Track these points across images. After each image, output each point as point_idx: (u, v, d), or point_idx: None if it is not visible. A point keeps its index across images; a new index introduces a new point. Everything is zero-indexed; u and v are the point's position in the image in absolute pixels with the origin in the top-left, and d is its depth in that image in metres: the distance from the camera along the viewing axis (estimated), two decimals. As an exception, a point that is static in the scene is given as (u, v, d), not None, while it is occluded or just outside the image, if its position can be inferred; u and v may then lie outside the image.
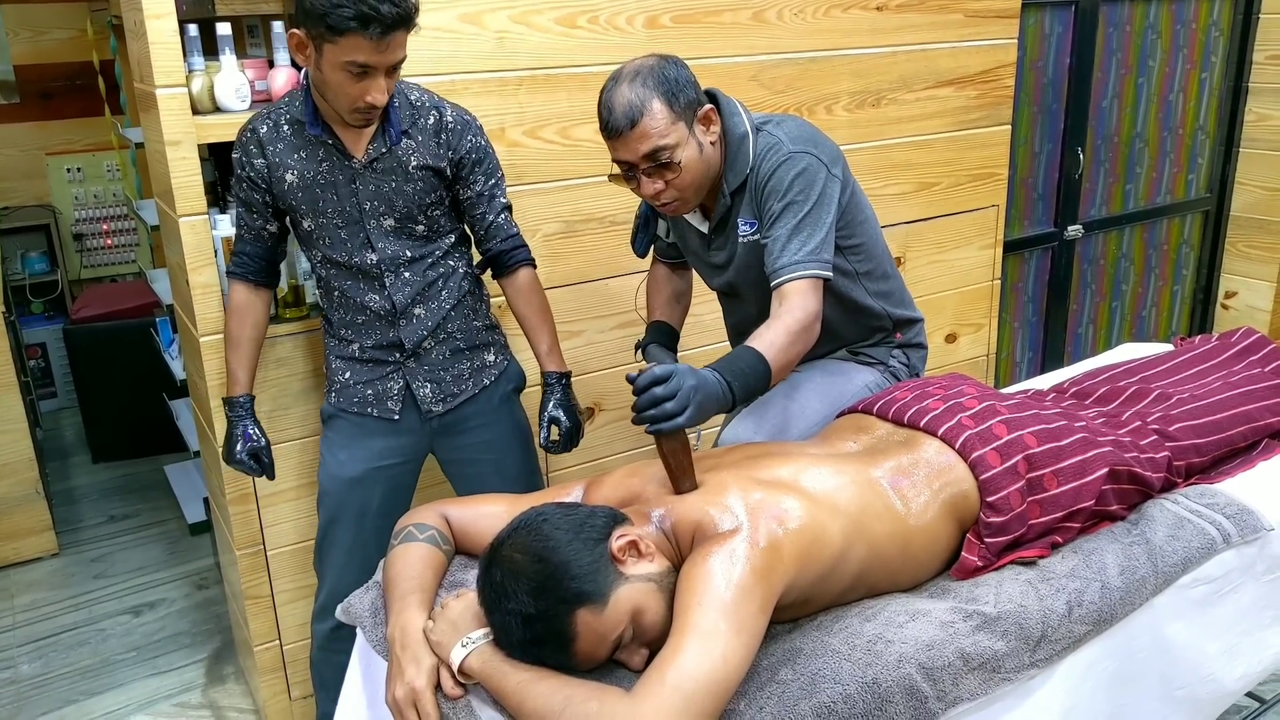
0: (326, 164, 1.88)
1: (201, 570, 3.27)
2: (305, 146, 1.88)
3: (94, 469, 4.05)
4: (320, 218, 1.91)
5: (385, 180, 1.89)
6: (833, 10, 2.67)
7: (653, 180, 1.79)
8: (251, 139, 1.89)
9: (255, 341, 2.02)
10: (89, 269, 4.73)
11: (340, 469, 2.04)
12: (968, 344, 3.27)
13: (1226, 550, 1.72)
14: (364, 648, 1.58)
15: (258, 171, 1.89)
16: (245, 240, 1.98)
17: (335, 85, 1.72)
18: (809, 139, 1.85)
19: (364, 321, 1.99)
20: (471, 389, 2.07)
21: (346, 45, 1.65)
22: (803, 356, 1.78)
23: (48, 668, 2.82)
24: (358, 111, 1.76)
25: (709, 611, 1.27)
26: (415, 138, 1.89)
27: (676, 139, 1.75)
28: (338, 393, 2.05)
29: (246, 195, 1.93)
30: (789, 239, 1.78)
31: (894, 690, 1.35)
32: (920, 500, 1.58)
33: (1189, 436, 1.86)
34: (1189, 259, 4.16)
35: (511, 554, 1.34)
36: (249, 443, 2.01)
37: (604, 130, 1.77)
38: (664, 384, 1.50)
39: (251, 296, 2.00)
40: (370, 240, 1.92)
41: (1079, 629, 1.53)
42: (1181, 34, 3.77)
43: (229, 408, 2.02)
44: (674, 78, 1.75)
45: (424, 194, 1.92)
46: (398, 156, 1.88)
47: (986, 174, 3.13)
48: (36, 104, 4.52)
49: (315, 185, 1.89)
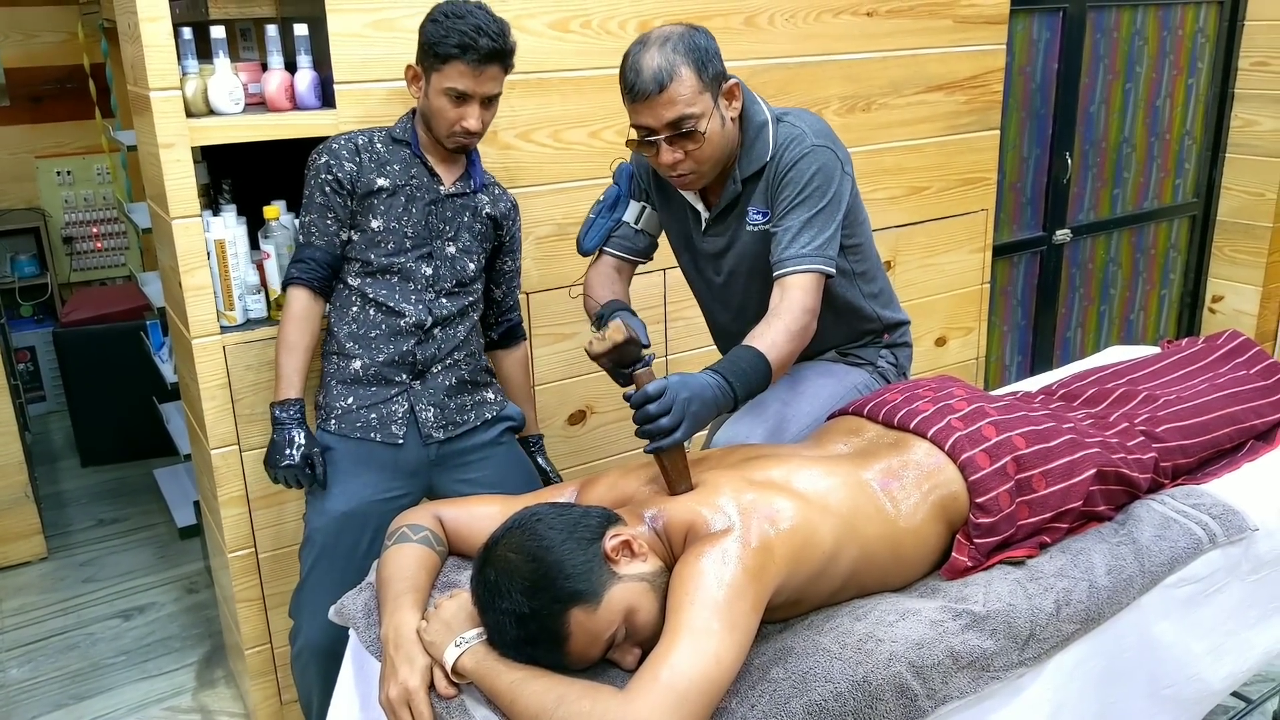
0: (417, 179, 2.02)
1: (191, 574, 3.26)
2: (399, 161, 2.01)
3: (83, 473, 4.04)
4: (394, 221, 1.99)
5: (461, 212, 2.06)
6: (824, 15, 2.69)
7: (673, 149, 1.76)
8: (345, 145, 1.98)
9: (310, 349, 2.03)
10: (79, 272, 4.72)
11: (332, 503, 2.00)
12: (957, 347, 3.29)
13: (1212, 550, 1.73)
14: (357, 648, 1.58)
15: (347, 174, 1.97)
16: (316, 247, 2.00)
17: (438, 110, 1.93)
18: (830, 135, 1.84)
19: (380, 335, 2.01)
20: (473, 420, 2.12)
21: (449, 72, 1.89)
22: (800, 352, 1.78)
23: (37, 672, 2.81)
24: (454, 135, 1.96)
25: (701, 610, 1.27)
26: (488, 194, 2.12)
27: (702, 109, 1.73)
28: (338, 419, 2.02)
29: (328, 199, 1.97)
30: (800, 230, 1.77)
31: (884, 688, 1.36)
32: (910, 501, 1.59)
33: (1175, 438, 1.88)
34: (1176, 263, 4.19)
35: (505, 553, 1.35)
36: (301, 446, 1.94)
37: (628, 93, 1.73)
38: (657, 401, 1.51)
39: (312, 304, 2.01)
40: (432, 256, 2.03)
41: (1067, 628, 1.55)
42: (1168, 40, 3.81)
43: (280, 409, 1.96)
44: (704, 46, 1.73)
45: (484, 239, 2.11)
46: (475, 199, 2.09)
47: (976, 178, 3.15)
48: (27, 107, 4.51)
49: (401, 193, 2.00)
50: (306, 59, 2.11)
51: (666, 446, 1.50)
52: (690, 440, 1.54)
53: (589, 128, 2.42)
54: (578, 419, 2.60)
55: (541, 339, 2.50)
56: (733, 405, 1.63)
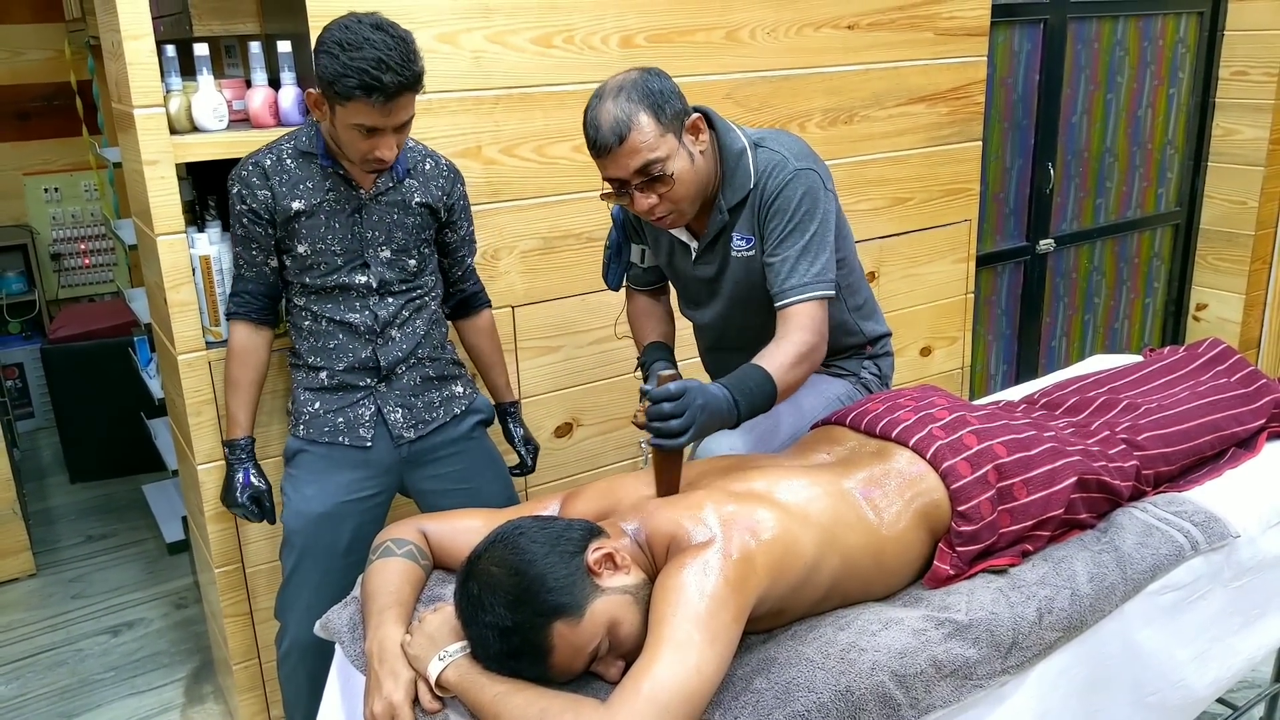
0: (334, 193, 1.94)
1: (180, 590, 3.25)
2: (311, 177, 1.93)
3: (71, 489, 4.03)
4: (319, 243, 1.95)
5: (389, 212, 1.98)
6: (805, 29, 2.71)
7: (646, 195, 1.76)
8: (254, 171, 1.92)
9: (257, 384, 2.03)
10: (66, 289, 4.71)
11: (308, 505, 2.01)
12: (942, 357, 3.30)
13: (1195, 557, 1.74)
14: (342, 662, 1.58)
15: (260, 202, 1.91)
16: (246, 279, 1.99)
17: (347, 142, 1.83)
18: (809, 155, 1.85)
19: (337, 345, 2.00)
20: (442, 417, 2.11)
21: (354, 109, 1.75)
22: (808, 377, 1.79)
23: (25, 688, 2.80)
24: (368, 163, 1.85)
25: (683, 623, 1.28)
26: (417, 177, 2.01)
27: (666, 151, 1.73)
28: (306, 424, 2.04)
29: (248, 230, 1.94)
30: (798, 260, 1.78)
31: (867, 698, 1.36)
32: (892, 510, 1.60)
33: (1157, 446, 1.89)
34: (1160, 272, 4.22)
35: (488, 567, 1.35)
36: (249, 489, 2.02)
37: (592, 149, 1.74)
38: (675, 401, 1.52)
39: (254, 337, 2.01)
40: (367, 265, 1.98)
41: (1050, 636, 1.55)
42: (1149, 50, 3.84)
43: (229, 450, 2.03)
44: (658, 89, 1.73)
45: (420, 229, 2.02)
46: (401, 191, 1.99)
47: (958, 189, 3.17)
48: (14, 124, 4.51)
49: (320, 212, 1.93)
50: (290, 75, 2.12)
51: (669, 448, 1.52)
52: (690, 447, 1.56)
53: (573, 142, 2.43)
54: (564, 431, 2.61)
55: (528, 352, 2.50)
56: (735, 422, 1.64)
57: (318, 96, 1.81)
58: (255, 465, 2.05)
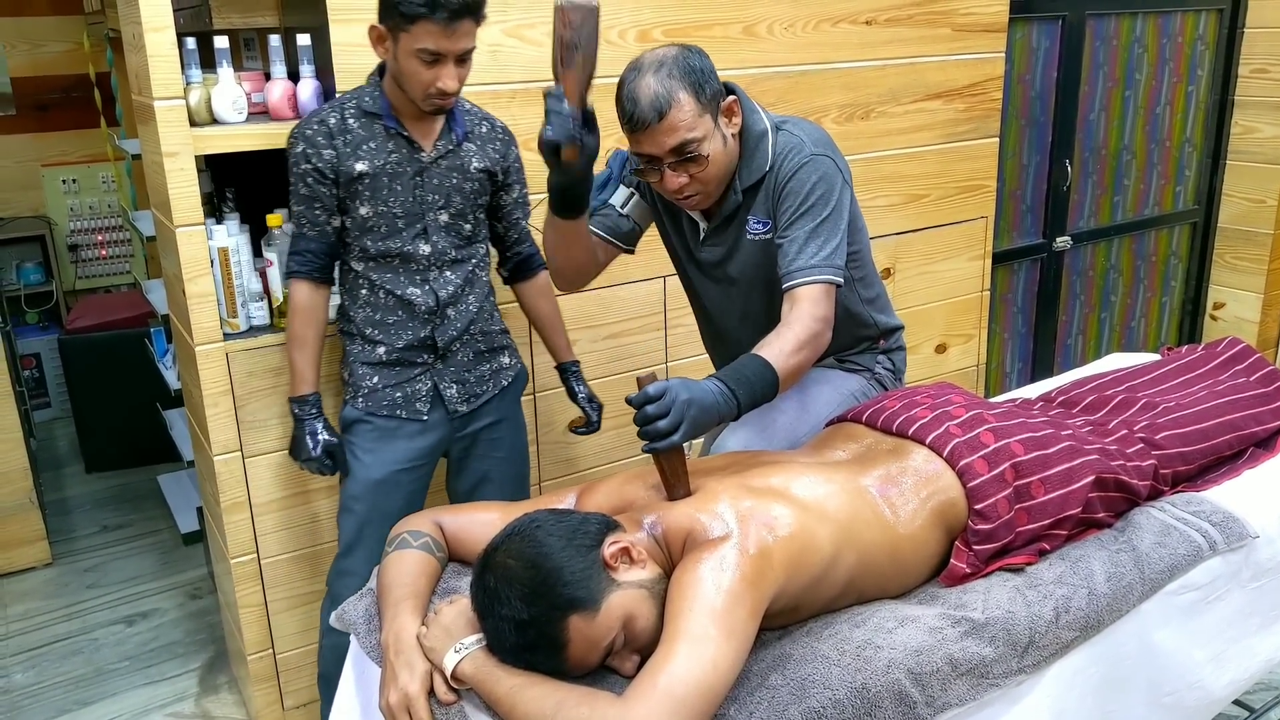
0: (396, 155, 1.96)
1: (195, 580, 3.27)
2: (374, 138, 1.95)
3: (87, 479, 4.05)
4: (381, 205, 1.97)
5: (448, 176, 2.01)
6: (822, 24, 2.70)
7: (678, 174, 1.74)
8: (320, 129, 1.93)
9: (320, 340, 2.05)
10: (84, 280, 4.74)
11: (367, 472, 2.07)
12: (958, 355, 3.29)
13: (1213, 558, 1.73)
14: (358, 654, 1.59)
15: (325, 162, 1.93)
16: (309, 238, 2.00)
17: (410, 73, 1.84)
18: (828, 143, 1.84)
19: (397, 321, 2.03)
20: (492, 390, 2.17)
21: (418, 33, 1.78)
22: (813, 362, 1.76)
23: (41, 677, 2.82)
24: (430, 98, 1.87)
25: (699, 617, 1.28)
26: (475, 141, 2.04)
27: (704, 131, 1.70)
28: (365, 398, 2.07)
29: (312, 189, 1.95)
30: (806, 241, 1.76)
31: (883, 695, 1.36)
32: (909, 508, 1.59)
33: (1175, 445, 1.88)
34: (1177, 270, 4.19)
35: (505, 560, 1.35)
36: (321, 442, 2.03)
37: (627, 122, 1.70)
38: (656, 402, 1.50)
39: (315, 295, 2.02)
40: (427, 232, 2.00)
41: (1066, 635, 1.55)
42: (1168, 48, 3.82)
43: (298, 406, 2.03)
44: (699, 67, 1.70)
45: (478, 194, 2.06)
46: (461, 156, 2.02)
47: (975, 186, 3.16)
48: (33, 116, 4.53)
49: (383, 174, 1.95)
50: (309, 68, 2.12)
51: (663, 448, 1.50)
52: (691, 446, 1.54)
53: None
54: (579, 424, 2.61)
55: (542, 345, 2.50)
56: (736, 413, 1.62)
57: (381, 31, 1.84)
58: (324, 419, 2.06)
